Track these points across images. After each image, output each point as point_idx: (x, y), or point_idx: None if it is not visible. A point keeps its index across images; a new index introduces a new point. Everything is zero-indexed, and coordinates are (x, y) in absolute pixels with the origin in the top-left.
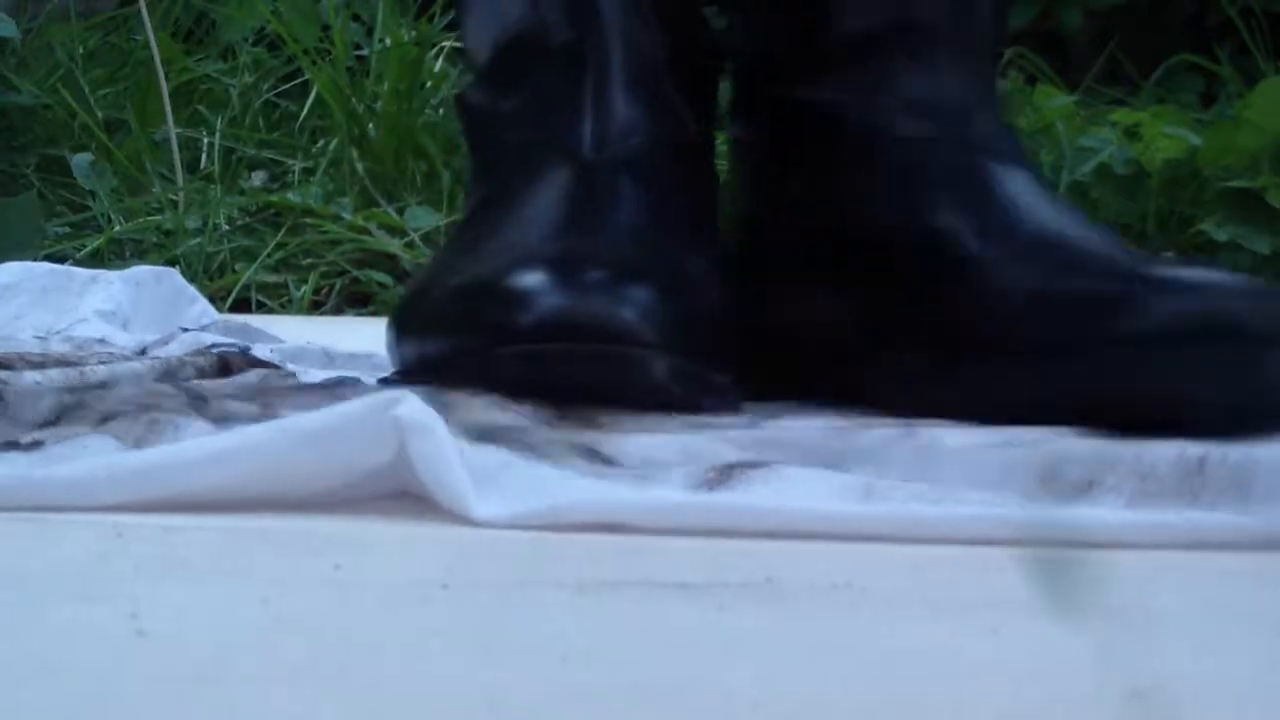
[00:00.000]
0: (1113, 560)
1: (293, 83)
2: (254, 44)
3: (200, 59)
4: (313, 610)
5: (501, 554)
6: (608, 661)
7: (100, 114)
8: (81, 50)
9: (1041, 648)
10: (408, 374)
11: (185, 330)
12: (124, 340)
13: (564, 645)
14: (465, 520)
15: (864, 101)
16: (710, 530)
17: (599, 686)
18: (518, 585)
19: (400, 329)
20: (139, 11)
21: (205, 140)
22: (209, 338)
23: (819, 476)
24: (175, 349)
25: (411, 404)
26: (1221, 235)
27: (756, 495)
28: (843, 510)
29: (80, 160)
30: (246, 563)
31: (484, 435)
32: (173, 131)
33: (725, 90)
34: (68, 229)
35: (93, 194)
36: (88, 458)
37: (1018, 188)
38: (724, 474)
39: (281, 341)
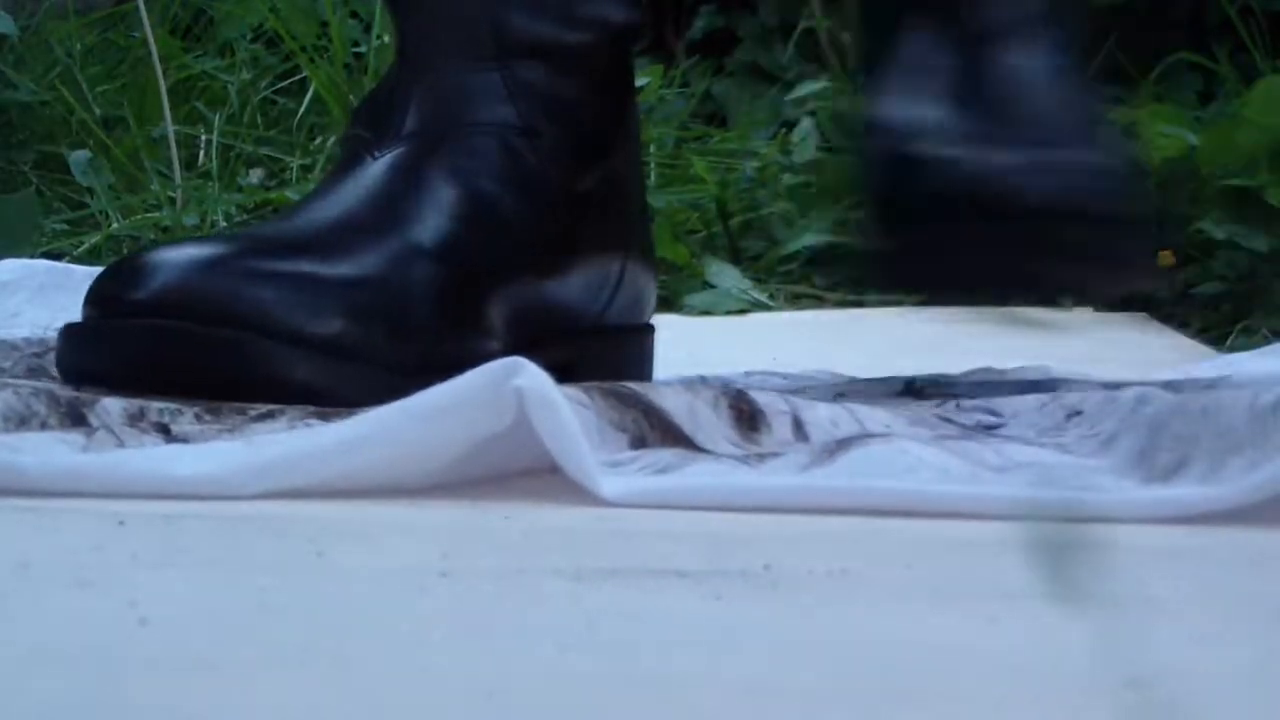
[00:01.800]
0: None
1: (291, 80)
2: (252, 41)
3: (198, 56)
4: (310, 598)
5: (499, 541)
6: (605, 649)
7: (98, 111)
8: (79, 47)
9: (1039, 637)
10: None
11: None
12: None
13: (562, 633)
14: (461, 506)
15: None
16: (827, 510)
17: (596, 674)
18: (515, 573)
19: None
20: (137, 8)
21: (203, 137)
22: None
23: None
24: None
25: (530, 373)
26: (1219, 233)
27: (864, 475)
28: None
29: (78, 157)
30: (245, 551)
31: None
32: (171, 128)
33: None
34: (65, 226)
35: (90, 191)
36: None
37: None
38: (837, 449)
39: None
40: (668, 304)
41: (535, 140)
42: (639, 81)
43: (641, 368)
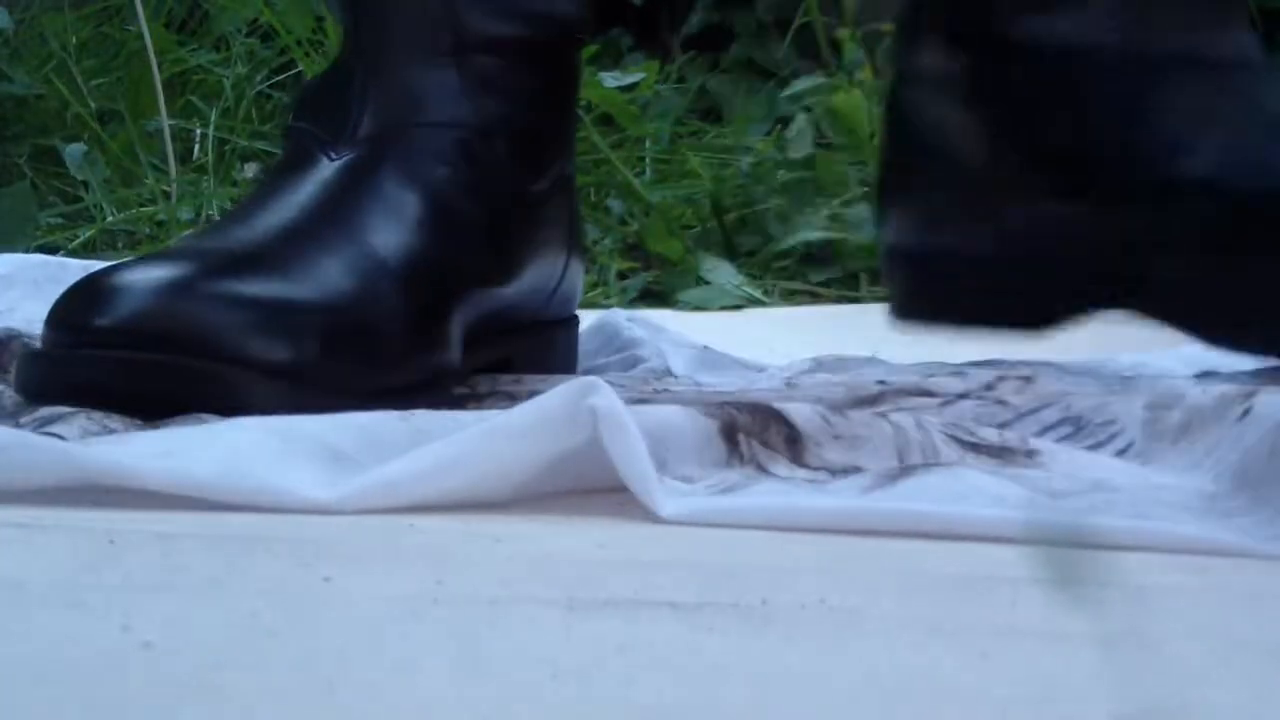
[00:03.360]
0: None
1: (286, 74)
2: (247, 35)
3: (193, 50)
4: (303, 622)
5: (492, 568)
6: (597, 680)
7: (93, 104)
8: (74, 40)
9: (1031, 673)
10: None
11: None
12: None
13: (553, 662)
14: (454, 530)
15: (1114, 29)
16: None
17: (587, 704)
18: (508, 601)
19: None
20: (132, 2)
21: (198, 131)
22: None
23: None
24: None
25: (605, 394)
26: None
27: (924, 499)
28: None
29: (73, 150)
30: (238, 573)
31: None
32: (165, 122)
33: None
34: (60, 220)
35: (85, 185)
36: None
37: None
38: (901, 474)
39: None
40: (662, 299)
41: (493, 142)
42: (635, 77)
43: (570, 359)
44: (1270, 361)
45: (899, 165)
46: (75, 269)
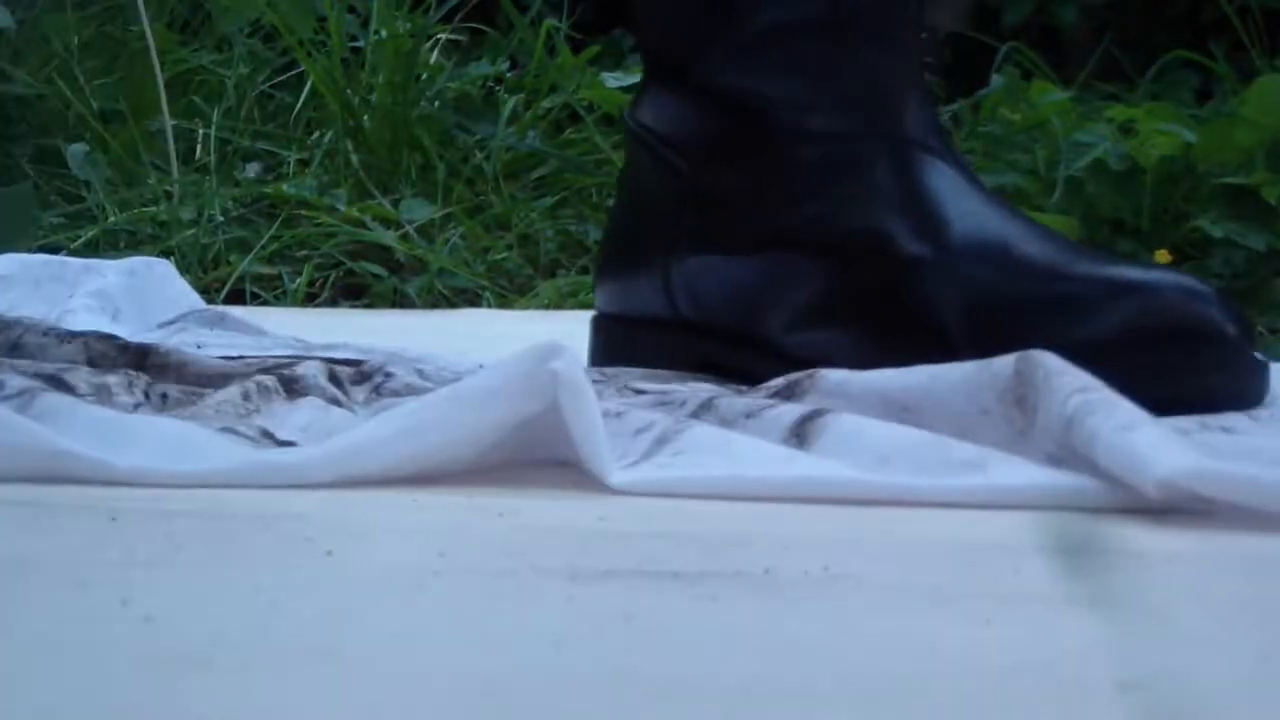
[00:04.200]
0: (1108, 547)
1: (288, 74)
2: (249, 35)
3: (196, 50)
4: (305, 596)
5: (494, 540)
6: (600, 649)
7: (95, 104)
8: (77, 40)
9: (1034, 639)
10: None
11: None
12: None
13: (556, 632)
14: (457, 503)
15: (787, 92)
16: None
17: (591, 674)
18: (510, 572)
19: None
20: (135, 2)
21: (200, 131)
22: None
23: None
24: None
25: (567, 358)
26: (1217, 231)
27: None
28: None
29: (75, 150)
30: (239, 548)
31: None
32: (168, 122)
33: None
34: (63, 219)
35: (87, 185)
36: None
37: (948, 184)
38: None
39: (262, 332)
40: None
41: None
42: (636, 77)
43: None
44: None
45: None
46: (75, 267)
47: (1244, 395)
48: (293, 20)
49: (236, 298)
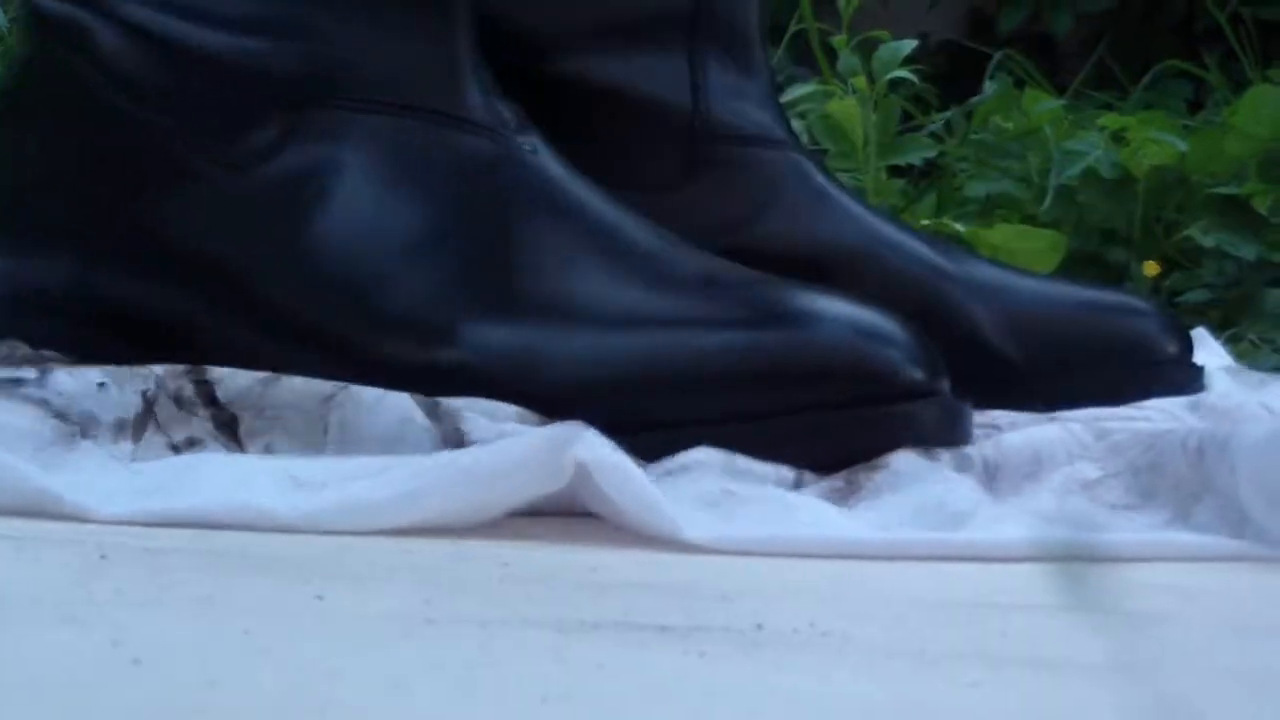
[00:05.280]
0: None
1: None
2: None
3: None
4: (295, 641)
5: (483, 589)
6: (587, 703)
7: None
8: None
9: (1020, 703)
10: None
11: None
12: None
13: (544, 686)
14: (445, 549)
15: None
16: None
17: None
18: (499, 622)
19: None
20: None
21: None
22: None
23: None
24: None
25: (589, 444)
26: (1208, 241)
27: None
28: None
29: None
30: (229, 590)
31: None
32: None
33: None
34: None
35: None
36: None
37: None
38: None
39: None
40: None
41: None
42: None
43: None
44: None
45: None
46: None
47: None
48: None
49: None
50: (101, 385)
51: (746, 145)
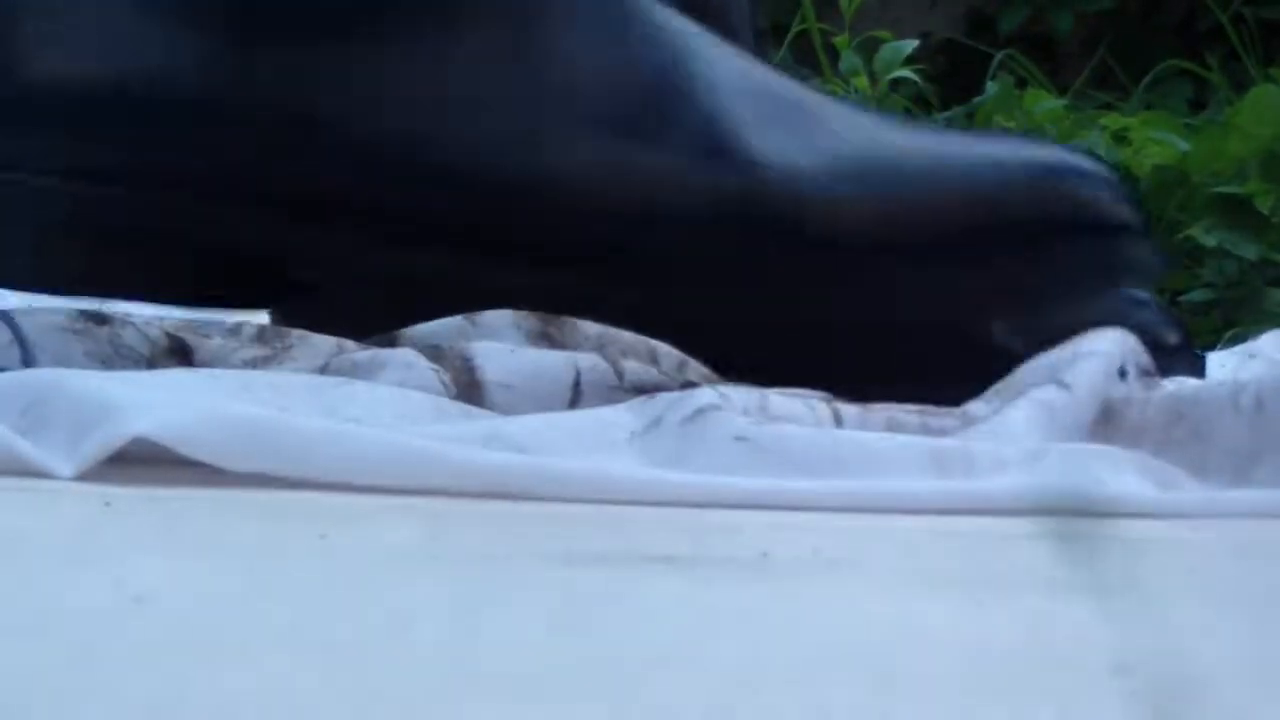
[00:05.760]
0: (1104, 535)
1: None
2: None
3: None
4: (299, 579)
5: (488, 524)
6: (594, 633)
7: None
8: None
9: (1027, 622)
10: None
11: None
12: None
13: (550, 617)
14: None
15: None
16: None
17: (585, 658)
18: (504, 557)
19: None
20: None
21: None
22: None
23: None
24: None
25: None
26: (1210, 240)
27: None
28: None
29: None
30: (233, 533)
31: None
32: None
33: None
34: None
35: None
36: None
37: None
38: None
39: None
40: None
41: None
42: None
43: None
44: None
45: None
46: None
47: None
48: None
49: None
50: None
51: None
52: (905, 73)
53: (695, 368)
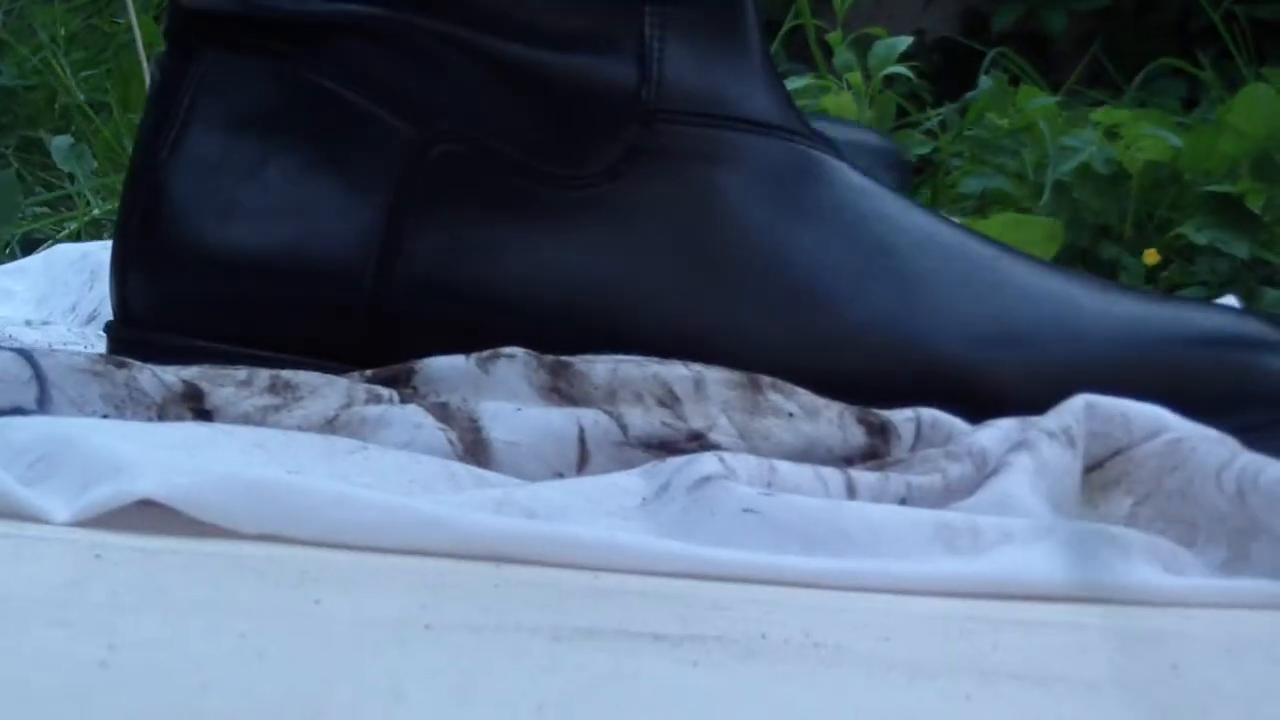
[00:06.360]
0: (1089, 623)
1: None
2: None
3: None
4: (292, 646)
5: (479, 595)
6: (581, 712)
7: (82, 96)
8: (63, 32)
9: (1013, 716)
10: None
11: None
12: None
13: (539, 693)
14: (441, 556)
15: None
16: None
17: None
18: (494, 629)
19: None
20: None
21: None
22: None
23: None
24: None
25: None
26: (1201, 239)
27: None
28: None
29: (60, 143)
30: (225, 593)
31: None
32: None
33: None
34: (46, 209)
35: (71, 177)
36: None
37: None
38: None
39: None
40: None
41: None
42: None
43: None
44: None
45: None
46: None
47: None
48: None
49: None
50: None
51: (713, 128)
52: (899, 69)
53: (716, 390)
